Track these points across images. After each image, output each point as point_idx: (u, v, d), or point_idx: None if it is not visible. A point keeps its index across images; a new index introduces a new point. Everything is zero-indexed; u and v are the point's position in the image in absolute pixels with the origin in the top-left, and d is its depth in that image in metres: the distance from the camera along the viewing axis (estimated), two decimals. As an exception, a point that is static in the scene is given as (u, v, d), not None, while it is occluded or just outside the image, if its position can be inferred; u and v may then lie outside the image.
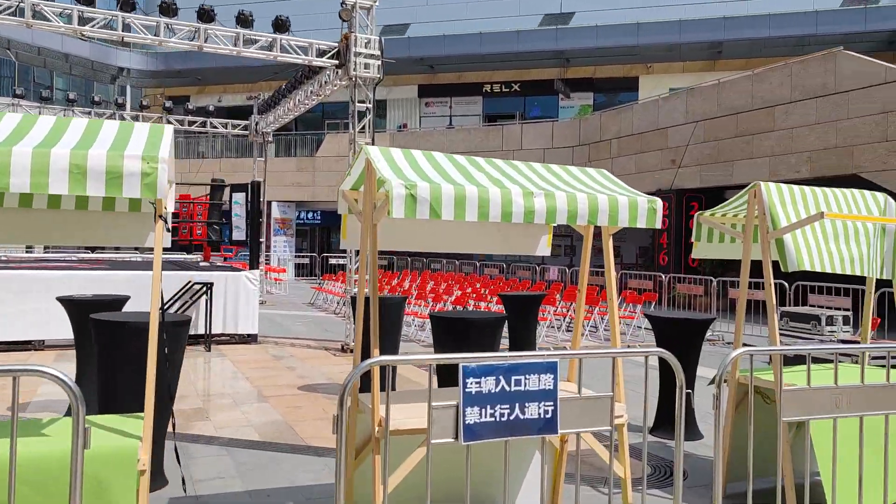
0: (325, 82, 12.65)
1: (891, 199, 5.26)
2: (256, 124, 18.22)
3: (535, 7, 29.84)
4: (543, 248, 5.07)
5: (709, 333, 13.79)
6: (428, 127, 31.93)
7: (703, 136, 19.44)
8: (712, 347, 12.66)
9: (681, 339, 6.39)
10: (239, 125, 18.88)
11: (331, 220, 34.18)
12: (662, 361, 4.16)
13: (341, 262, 29.28)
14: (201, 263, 15.04)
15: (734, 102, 18.81)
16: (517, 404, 3.18)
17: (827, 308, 11.49)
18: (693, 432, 6.40)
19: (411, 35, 31.17)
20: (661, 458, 5.81)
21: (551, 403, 3.25)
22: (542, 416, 3.22)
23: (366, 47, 10.98)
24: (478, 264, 22.47)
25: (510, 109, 32.06)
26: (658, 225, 3.94)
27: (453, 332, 5.65)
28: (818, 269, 4.62)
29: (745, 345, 4.48)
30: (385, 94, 33.98)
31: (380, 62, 11.05)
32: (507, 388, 3.16)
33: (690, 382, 6.54)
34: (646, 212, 3.89)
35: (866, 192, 5.19)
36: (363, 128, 11.26)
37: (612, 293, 4.37)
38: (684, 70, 29.40)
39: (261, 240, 18.24)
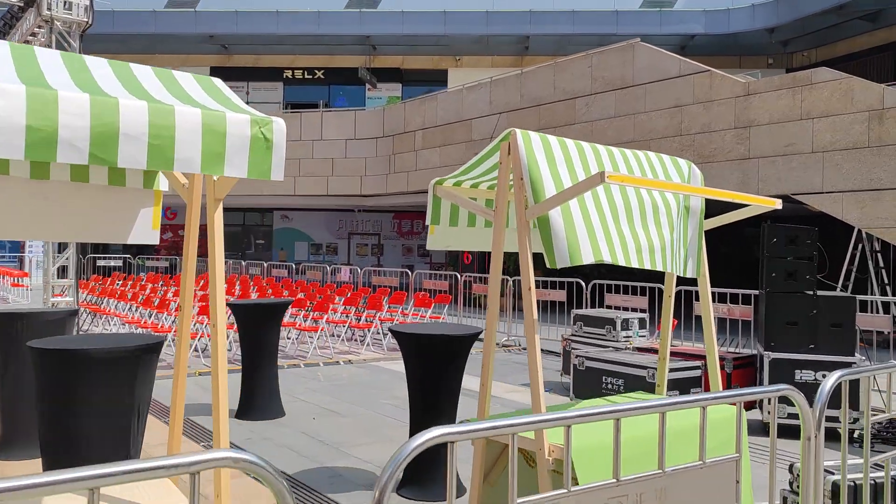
0: (26, 31, 9.76)
1: (695, 167, 3.80)
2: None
3: (341, -11, 27.79)
4: (147, 231, 3.03)
5: (504, 339, 12.46)
6: (221, 113, 28.80)
7: (506, 128, 18.43)
8: (507, 355, 11.32)
9: (435, 360, 4.62)
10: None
11: (109, 216, 29.94)
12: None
13: (112, 263, 25.50)
14: None
15: (537, 93, 17.98)
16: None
17: (623, 309, 10.48)
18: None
19: (200, 9, 27.87)
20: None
21: None
22: None
23: (66, -21, 8.35)
24: (265, 264, 20.02)
25: (314, 98, 29.75)
26: (274, 176, 2.26)
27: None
28: (604, 261, 2.98)
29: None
30: (173, 74, 30.32)
31: (88, 2, 8.45)
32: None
33: (444, 413, 4.79)
34: (247, 147, 2.26)
35: (665, 157, 3.68)
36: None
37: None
38: (493, 64, 28.74)
39: None
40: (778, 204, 3.55)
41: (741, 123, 14.15)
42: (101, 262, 25.48)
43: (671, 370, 6.59)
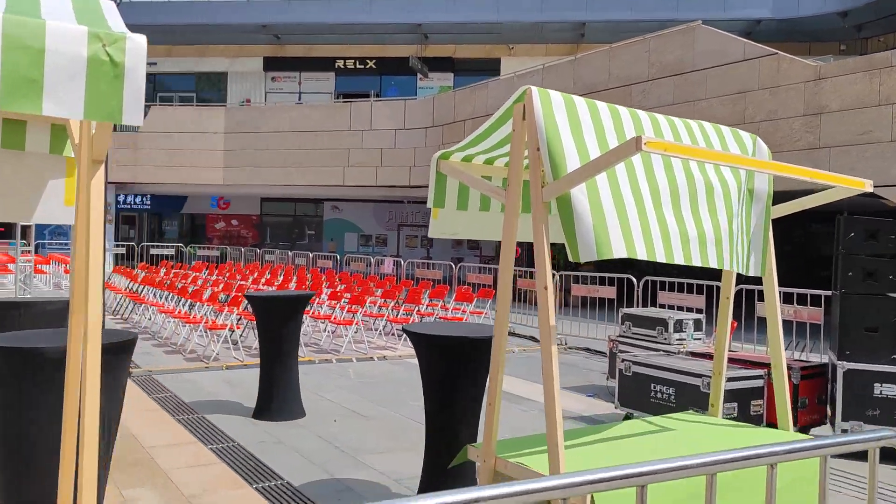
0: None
1: (761, 142, 3.13)
2: None
3: (392, -24, 27.34)
4: (58, 209, 2.51)
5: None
6: (275, 104, 28.78)
7: (557, 116, 17.68)
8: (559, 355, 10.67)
9: (451, 363, 4.07)
10: None
11: (163, 206, 30.33)
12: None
13: (165, 252, 25.76)
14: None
15: (591, 80, 17.19)
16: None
17: (677, 309, 9.72)
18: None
19: (253, -1, 27.85)
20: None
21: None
22: None
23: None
24: (311, 255, 19.78)
25: (365, 88, 29.44)
26: (127, 118, 1.65)
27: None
28: (638, 256, 2.37)
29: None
30: (226, 65, 30.48)
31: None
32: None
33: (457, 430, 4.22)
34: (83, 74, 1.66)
35: (724, 127, 3.03)
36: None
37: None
38: (547, 53, 27.90)
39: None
40: (868, 185, 2.87)
41: (811, 110, 13.11)
42: (154, 251, 25.78)
43: (729, 379, 5.88)
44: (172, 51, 30.50)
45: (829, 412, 6.20)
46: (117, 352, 3.13)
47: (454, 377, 4.01)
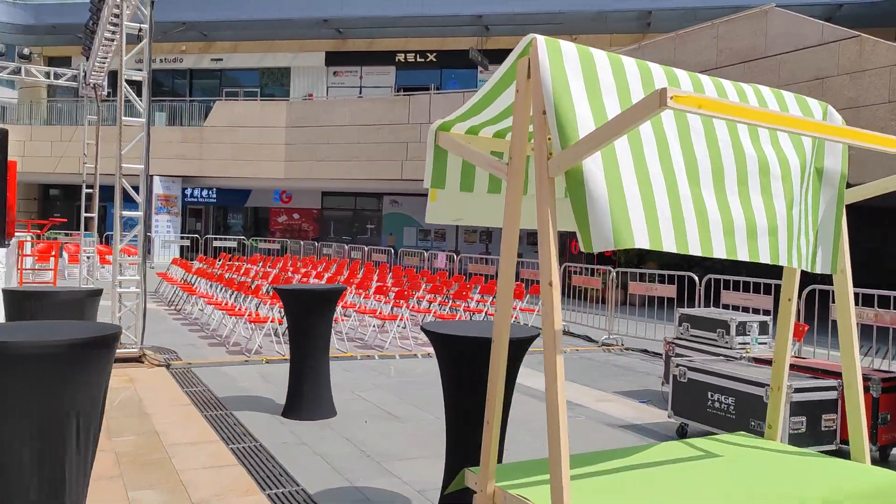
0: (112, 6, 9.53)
1: (834, 111, 2.60)
2: (85, 74, 14.88)
3: (453, -32, 26.96)
4: None
5: (604, 337, 11.24)
6: (334, 98, 28.86)
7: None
8: (605, 356, 10.11)
9: (477, 368, 3.66)
10: (64, 75, 15.50)
11: (228, 199, 30.81)
12: None
13: (228, 244, 26.13)
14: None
15: (654, 67, 16.38)
16: None
17: (742, 310, 9.01)
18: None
19: (315, -8, 27.91)
20: None
21: None
22: None
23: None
24: (366, 249, 19.62)
25: (425, 81, 29.16)
26: None
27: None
28: (665, 249, 1.91)
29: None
30: (289, 60, 30.72)
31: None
32: None
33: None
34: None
35: (785, 92, 2.51)
36: (139, 56, 8.24)
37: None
38: (612, 43, 27.01)
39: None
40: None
41: (898, 96, 12.06)
42: (216, 243, 26.19)
43: (797, 390, 5.27)
44: (238, 47, 30.91)
45: (913, 430, 5.51)
46: (89, 347, 2.84)
47: (474, 382, 3.61)
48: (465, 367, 3.73)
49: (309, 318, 6.09)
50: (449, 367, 3.81)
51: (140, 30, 8.35)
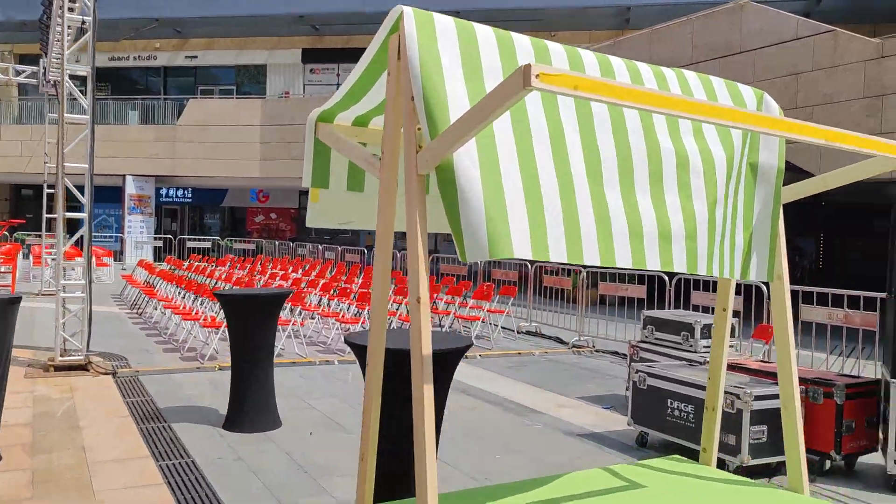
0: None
1: (770, 99, 2.32)
2: (45, 70, 14.44)
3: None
4: None
5: (574, 339, 10.98)
6: (310, 97, 28.47)
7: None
8: (576, 358, 9.84)
9: (399, 383, 3.37)
10: (24, 72, 15.04)
11: (204, 199, 30.32)
12: None
13: (202, 245, 25.67)
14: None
15: (629, 63, 16.16)
16: None
17: (712, 312, 8.77)
18: None
19: (289, -11, 27.48)
20: None
21: None
22: None
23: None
24: (339, 249, 19.28)
25: (403, 78, 28.81)
26: None
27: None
28: (555, 258, 1.62)
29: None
30: (265, 57, 30.27)
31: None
32: None
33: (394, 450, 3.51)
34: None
35: (715, 78, 2.23)
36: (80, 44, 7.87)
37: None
38: (591, 40, 26.78)
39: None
40: (912, 157, 2.04)
41: (872, 92, 11.89)
42: (190, 244, 25.73)
43: (758, 398, 5.01)
44: (213, 44, 30.42)
45: (880, 438, 5.27)
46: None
47: (404, 399, 3.31)
48: (392, 380, 3.43)
49: (250, 324, 5.78)
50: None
51: (84, 23, 7.99)
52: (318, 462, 5.13)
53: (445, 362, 3.37)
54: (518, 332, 11.81)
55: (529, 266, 12.39)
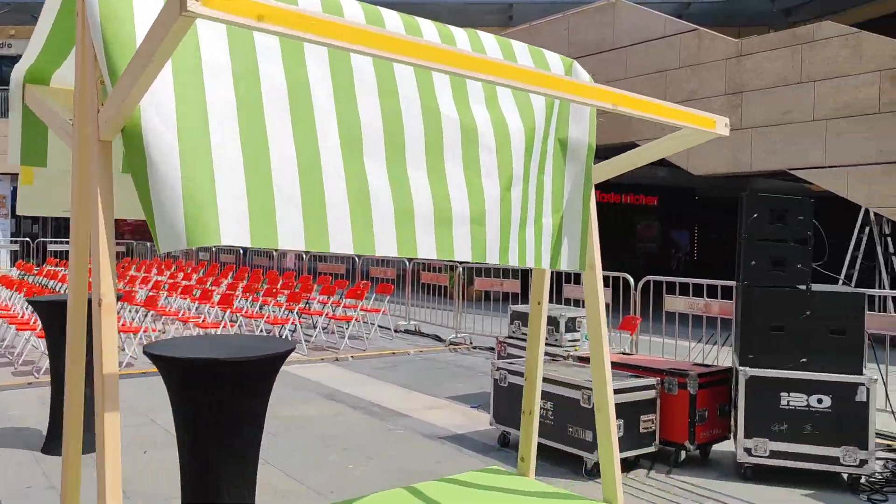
0: None
1: (581, 69, 2.07)
2: None
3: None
4: None
5: (452, 336, 10.78)
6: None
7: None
8: (452, 356, 9.63)
9: (210, 399, 2.96)
10: None
11: (70, 198, 28.25)
12: None
13: (65, 248, 23.85)
14: None
15: (508, 59, 16.20)
16: None
17: (581, 305, 8.77)
18: None
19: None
20: None
21: None
22: None
23: None
24: (214, 250, 18.34)
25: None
26: None
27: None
28: (284, 245, 1.27)
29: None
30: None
31: None
32: None
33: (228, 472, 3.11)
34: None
35: (517, 43, 1.96)
36: None
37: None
38: (475, 37, 26.90)
39: None
40: (721, 127, 1.85)
41: (732, 89, 12.38)
42: (52, 247, 23.86)
43: (617, 391, 4.90)
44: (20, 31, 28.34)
45: (732, 426, 5.30)
46: None
47: (213, 418, 2.89)
48: (198, 397, 3.01)
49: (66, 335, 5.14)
50: (179, 399, 3.07)
51: None
52: (145, 487, 4.60)
53: (263, 370, 2.98)
54: (396, 331, 11.50)
55: (407, 263, 12.10)
